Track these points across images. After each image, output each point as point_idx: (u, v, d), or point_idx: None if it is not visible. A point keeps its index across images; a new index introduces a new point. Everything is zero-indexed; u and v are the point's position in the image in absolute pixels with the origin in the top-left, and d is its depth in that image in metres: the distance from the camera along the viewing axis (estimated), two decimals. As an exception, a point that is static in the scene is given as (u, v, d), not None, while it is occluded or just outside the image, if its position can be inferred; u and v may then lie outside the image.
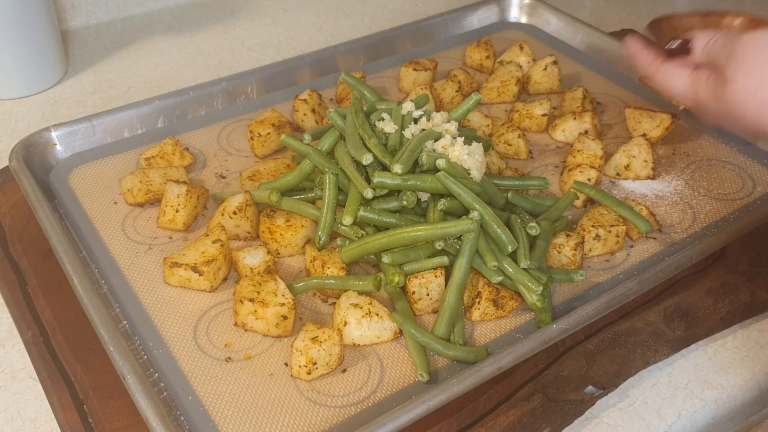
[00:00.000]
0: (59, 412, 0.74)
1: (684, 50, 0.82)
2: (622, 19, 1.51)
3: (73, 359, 0.78)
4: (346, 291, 0.82)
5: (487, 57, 1.24)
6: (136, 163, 1.02)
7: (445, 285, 0.83)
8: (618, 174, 1.03)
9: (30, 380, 0.79)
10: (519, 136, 1.05)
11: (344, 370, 0.77)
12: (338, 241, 0.87)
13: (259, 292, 0.79)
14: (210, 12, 1.47)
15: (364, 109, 0.94)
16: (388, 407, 0.73)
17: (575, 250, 0.87)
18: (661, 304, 0.88)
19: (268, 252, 0.86)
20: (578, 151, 1.03)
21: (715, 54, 0.76)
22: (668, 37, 0.86)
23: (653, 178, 1.03)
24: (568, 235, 0.89)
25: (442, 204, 0.84)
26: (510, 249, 0.82)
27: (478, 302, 0.82)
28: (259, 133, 1.03)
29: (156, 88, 1.24)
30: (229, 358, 0.78)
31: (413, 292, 0.83)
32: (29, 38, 1.16)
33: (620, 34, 1.39)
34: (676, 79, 0.82)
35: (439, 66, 1.23)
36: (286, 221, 0.90)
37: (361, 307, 0.80)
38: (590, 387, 0.78)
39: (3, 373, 0.80)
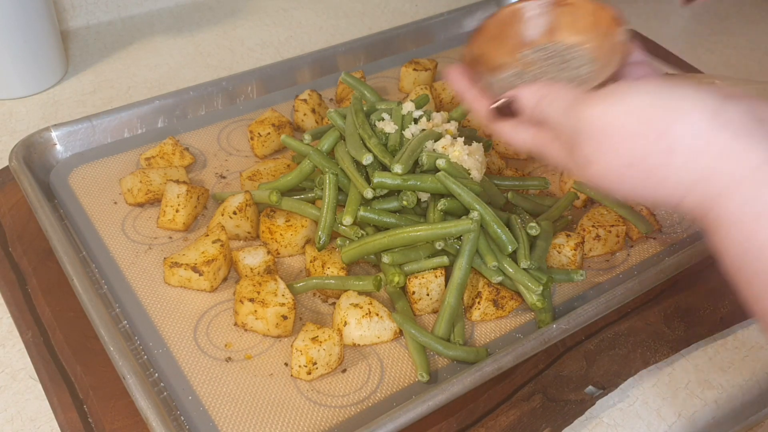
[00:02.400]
0: (59, 412, 0.74)
1: (509, 111, 0.67)
2: (622, 19, 1.51)
3: (73, 359, 0.78)
4: (346, 291, 0.82)
5: (487, 57, 1.24)
6: (136, 163, 1.02)
7: (445, 285, 0.83)
8: (618, 174, 1.03)
9: (30, 380, 0.79)
10: (519, 136, 1.05)
11: (344, 370, 0.77)
12: (338, 241, 0.87)
13: (259, 292, 0.79)
14: (210, 12, 1.47)
15: (364, 109, 0.94)
16: (388, 407, 0.73)
17: (575, 250, 0.87)
18: (661, 304, 0.87)
19: (268, 252, 0.86)
20: (578, 151, 1.02)
21: (554, 122, 0.64)
22: (492, 52, 0.72)
23: (653, 178, 1.02)
24: (568, 235, 0.89)
25: (442, 204, 0.84)
26: (510, 249, 0.82)
27: (478, 302, 0.82)
28: (259, 133, 1.03)
29: (156, 88, 1.23)
30: (229, 358, 0.78)
31: (413, 292, 0.83)
32: (29, 38, 1.15)
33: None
34: (516, 139, 0.69)
35: (439, 66, 1.23)
36: (286, 221, 0.90)
37: (361, 307, 0.80)
38: (590, 387, 0.78)
39: (3, 373, 0.80)
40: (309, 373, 0.75)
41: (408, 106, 0.94)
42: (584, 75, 0.73)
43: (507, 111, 0.68)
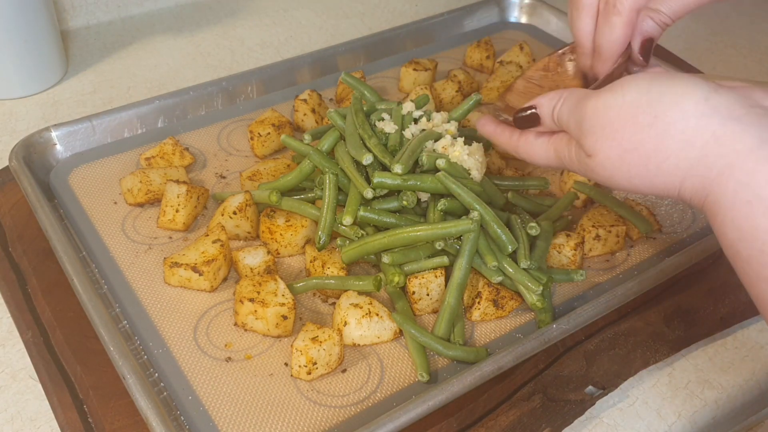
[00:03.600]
0: (59, 412, 0.74)
1: (530, 121, 0.73)
2: (622, 19, 1.50)
3: (73, 359, 0.78)
4: (346, 291, 0.82)
5: (487, 57, 1.24)
6: (136, 163, 1.02)
7: (445, 285, 0.83)
8: (618, 174, 1.03)
9: (30, 380, 0.79)
10: (519, 136, 1.05)
11: (344, 370, 0.77)
12: (338, 241, 0.87)
13: (259, 292, 0.79)
14: (210, 12, 1.47)
15: (364, 109, 0.94)
16: (388, 407, 0.73)
17: (575, 250, 0.87)
18: (661, 304, 0.87)
19: (268, 252, 0.86)
20: (578, 151, 1.03)
21: (565, 121, 0.68)
22: (522, 101, 0.79)
23: (653, 178, 1.02)
24: (568, 235, 0.89)
25: (442, 204, 0.84)
26: (510, 249, 0.82)
27: (478, 302, 0.82)
28: (259, 133, 1.03)
29: (156, 88, 1.23)
30: (229, 358, 0.78)
31: (413, 292, 0.83)
32: (29, 38, 1.16)
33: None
34: (536, 149, 0.73)
35: (439, 66, 1.23)
36: (286, 221, 0.90)
37: (361, 307, 0.80)
38: (590, 387, 0.78)
39: (3, 373, 0.80)
40: (309, 373, 0.75)
41: (408, 106, 0.94)
42: None
43: (529, 122, 0.73)
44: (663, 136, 0.58)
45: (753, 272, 0.55)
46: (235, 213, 0.89)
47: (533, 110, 0.72)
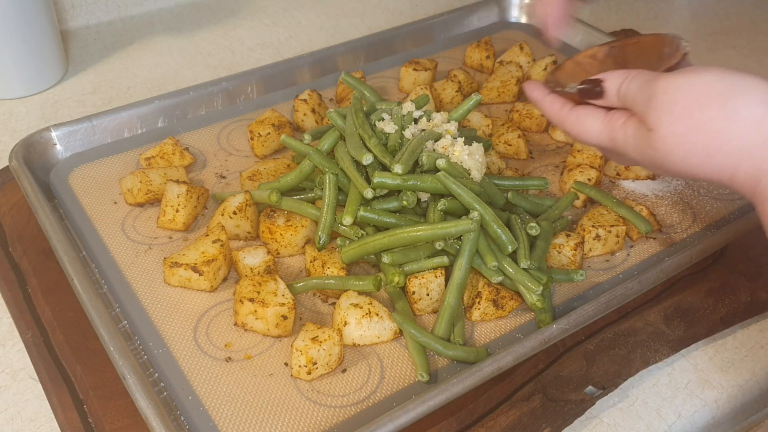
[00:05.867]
0: (59, 412, 0.74)
1: (595, 93, 0.74)
2: (622, 19, 1.51)
3: (73, 359, 0.78)
4: (346, 291, 0.82)
5: (487, 57, 1.24)
6: (136, 163, 1.02)
7: (445, 285, 0.83)
8: (618, 174, 1.03)
9: (30, 380, 0.79)
10: (519, 136, 1.05)
11: (344, 370, 0.77)
12: (338, 241, 0.87)
13: (259, 292, 0.79)
14: (210, 12, 1.47)
15: (364, 109, 0.94)
16: (388, 407, 0.73)
17: (575, 250, 0.87)
18: (661, 304, 0.88)
19: (268, 252, 0.86)
20: (578, 151, 1.03)
21: (632, 97, 0.70)
22: (571, 82, 0.79)
23: (653, 178, 1.03)
24: (568, 235, 0.89)
25: (442, 204, 0.84)
26: (510, 249, 0.82)
27: (478, 302, 0.82)
28: (259, 133, 1.03)
29: (156, 88, 1.24)
30: (229, 358, 0.78)
31: (413, 292, 0.83)
32: (29, 38, 1.16)
33: (620, 34, 1.39)
34: (589, 125, 0.74)
35: (439, 66, 1.23)
36: (286, 221, 0.90)
37: (361, 307, 0.80)
38: (590, 387, 0.78)
39: (3, 373, 0.80)
40: (309, 373, 0.75)
41: (408, 106, 0.94)
42: None
43: (591, 94, 0.74)
44: (731, 118, 0.62)
45: None
46: (235, 213, 0.89)
47: (600, 83, 0.73)
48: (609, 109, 0.74)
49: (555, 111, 0.78)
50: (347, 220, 0.84)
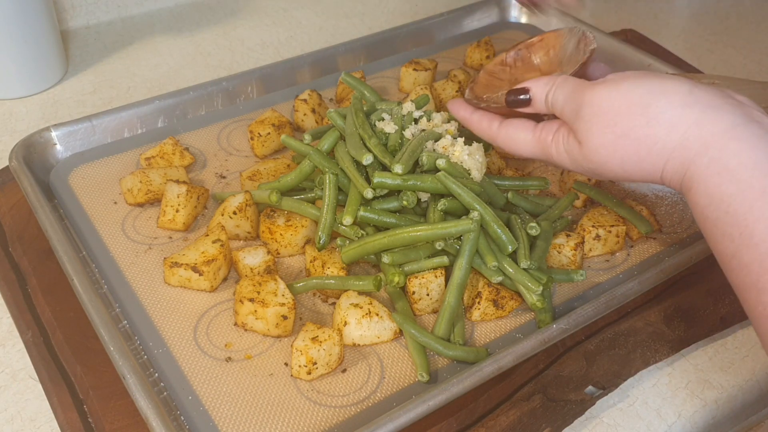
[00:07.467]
0: (59, 412, 0.74)
1: (522, 101, 0.74)
2: (622, 19, 1.51)
3: (73, 359, 0.78)
4: (346, 291, 0.82)
5: (487, 57, 1.24)
6: (136, 163, 1.02)
7: (445, 285, 0.83)
8: (618, 174, 1.03)
9: (30, 380, 0.79)
10: (519, 136, 1.05)
11: (344, 370, 0.77)
12: (338, 241, 0.87)
13: (259, 292, 0.79)
14: (210, 12, 1.47)
15: (364, 109, 0.94)
16: (388, 407, 0.73)
17: (575, 250, 0.87)
18: (661, 304, 0.88)
19: (268, 252, 0.86)
20: (578, 151, 1.03)
21: (560, 107, 0.72)
22: (489, 93, 0.79)
23: (653, 178, 1.02)
24: (568, 235, 0.89)
25: (442, 204, 0.84)
26: (510, 249, 0.82)
27: (478, 302, 0.82)
28: (259, 133, 1.03)
29: (156, 88, 1.24)
30: (229, 358, 0.78)
31: (413, 292, 0.83)
32: (29, 38, 1.16)
33: (620, 34, 1.39)
34: (520, 141, 0.76)
35: (439, 66, 1.23)
36: (286, 221, 0.90)
37: (361, 307, 0.80)
38: (590, 387, 0.78)
39: (3, 373, 0.80)
40: (309, 373, 0.75)
41: (408, 106, 0.94)
42: None
43: (518, 103, 0.76)
44: (653, 123, 0.65)
45: (718, 231, 0.62)
46: (235, 213, 0.89)
47: (526, 91, 0.75)
48: (538, 118, 0.76)
49: (484, 129, 0.80)
50: (347, 220, 0.84)
